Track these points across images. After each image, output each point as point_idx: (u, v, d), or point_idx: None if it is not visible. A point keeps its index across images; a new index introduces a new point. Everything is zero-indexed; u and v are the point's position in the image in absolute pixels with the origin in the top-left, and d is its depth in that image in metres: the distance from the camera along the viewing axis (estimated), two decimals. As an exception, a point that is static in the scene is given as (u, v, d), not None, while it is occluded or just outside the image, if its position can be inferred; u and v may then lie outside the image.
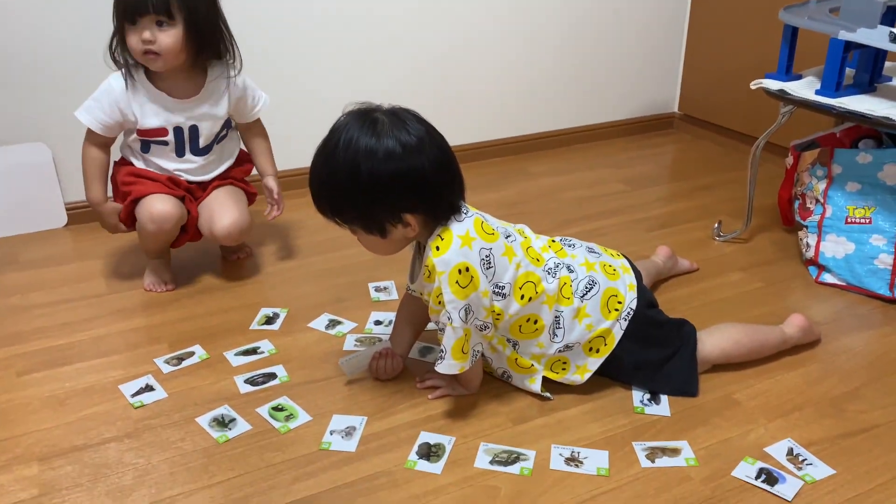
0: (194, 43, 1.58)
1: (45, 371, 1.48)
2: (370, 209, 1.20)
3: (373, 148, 1.16)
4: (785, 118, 1.80)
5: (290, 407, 1.36)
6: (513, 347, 1.34)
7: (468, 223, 1.23)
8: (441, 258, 1.19)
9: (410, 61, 2.37)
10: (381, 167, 1.16)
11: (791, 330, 1.50)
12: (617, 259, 1.41)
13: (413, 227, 1.22)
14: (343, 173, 1.18)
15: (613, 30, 2.66)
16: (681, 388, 1.38)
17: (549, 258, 1.33)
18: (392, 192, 1.18)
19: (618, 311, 1.34)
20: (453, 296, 1.20)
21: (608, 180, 2.43)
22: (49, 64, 1.96)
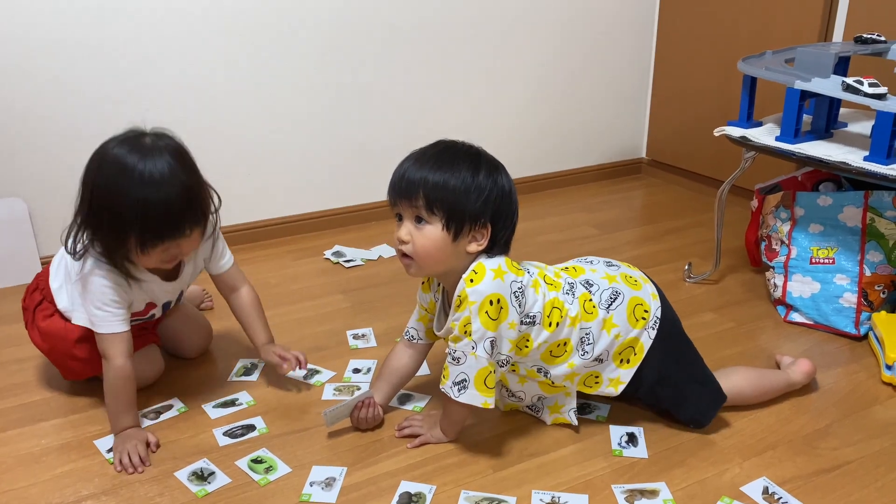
0: (204, 232, 1.41)
1: (20, 428, 1.46)
2: (464, 205, 1.24)
3: (491, 158, 1.30)
4: (748, 163, 1.87)
5: (269, 459, 1.35)
6: (544, 376, 1.36)
7: (500, 259, 1.28)
8: (474, 288, 1.23)
9: (384, 111, 2.42)
10: (493, 176, 1.26)
11: (798, 376, 1.53)
12: (635, 270, 1.45)
13: (479, 243, 1.27)
14: (464, 161, 1.25)
15: (582, 80, 2.75)
16: (695, 416, 1.40)
17: (563, 280, 1.36)
18: (490, 200, 1.25)
19: (645, 319, 1.37)
20: (481, 325, 1.23)
21: (580, 224, 2.48)
22: (24, 119, 1.98)
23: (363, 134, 2.40)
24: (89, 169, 1.33)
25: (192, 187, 1.32)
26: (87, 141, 2.05)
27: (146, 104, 2.09)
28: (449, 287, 1.33)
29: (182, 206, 1.30)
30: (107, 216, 1.31)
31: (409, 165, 1.27)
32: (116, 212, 1.29)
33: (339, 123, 2.37)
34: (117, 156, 1.29)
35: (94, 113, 2.04)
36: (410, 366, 1.47)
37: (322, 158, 2.37)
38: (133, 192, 1.27)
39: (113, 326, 1.38)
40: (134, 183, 1.27)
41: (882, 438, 1.39)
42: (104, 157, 1.31)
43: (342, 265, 2.18)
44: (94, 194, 1.32)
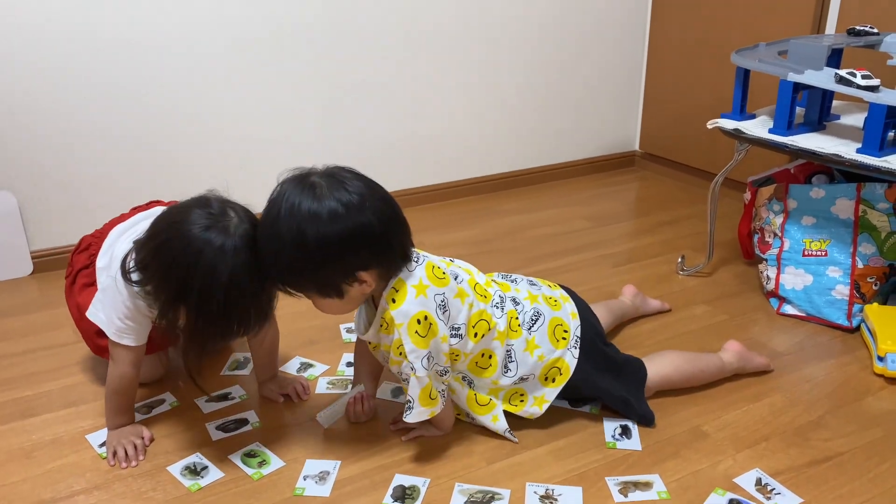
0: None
1: (11, 423, 1.45)
2: (323, 273, 1.17)
3: (315, 212, 1.13)
4: (741, 156, 1.87)
5: (262, 453, 1.35)
6: (469, 385, 1.35)
7: (419, 272, 1.24)
8: (399, 310, 1.20)
9: (380, 107, 2.41)
10: (328, 230, 1.13)
11: (727, 356, 1.55)
12: (555, 290, 1.46)
13: (369, 283, 1.21)
14: (290, 243, 1.14)
15: (575, 73, 2.74)
16: (644, 414, 1.41)
17: (495, 292, 1.35)
18: (342, 253, 1.16)
19: (565, 339, 1.38)
20: (414, 346, 1.21)
21: (573, 217, 2.48)
22: (12, 109, 1.96)
23: (355, 129, 2.39)
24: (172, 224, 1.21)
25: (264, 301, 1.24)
26: (78, 133, 2.05)
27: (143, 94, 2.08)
28: (375, 295, 1.27)
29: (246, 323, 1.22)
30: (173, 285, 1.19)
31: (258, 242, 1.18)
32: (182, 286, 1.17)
33: (333, 119, 2.36)
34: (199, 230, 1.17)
35: (85, 104, 2.02)
36: (374, 358, 1.43)
37: (315, 153, 2.36)
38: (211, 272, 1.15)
39: (128, 340, 1.32)
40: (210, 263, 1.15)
41: (874, 429, 1.40)
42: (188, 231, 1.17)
43: (335, 259, 2.17)
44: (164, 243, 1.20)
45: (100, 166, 2.09)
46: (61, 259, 2.09)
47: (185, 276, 1.15)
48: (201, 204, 1.21)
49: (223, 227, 1.17)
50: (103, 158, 2.09)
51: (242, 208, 1.24)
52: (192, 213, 1.19)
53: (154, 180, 2.15)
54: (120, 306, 1.30)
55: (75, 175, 2.07)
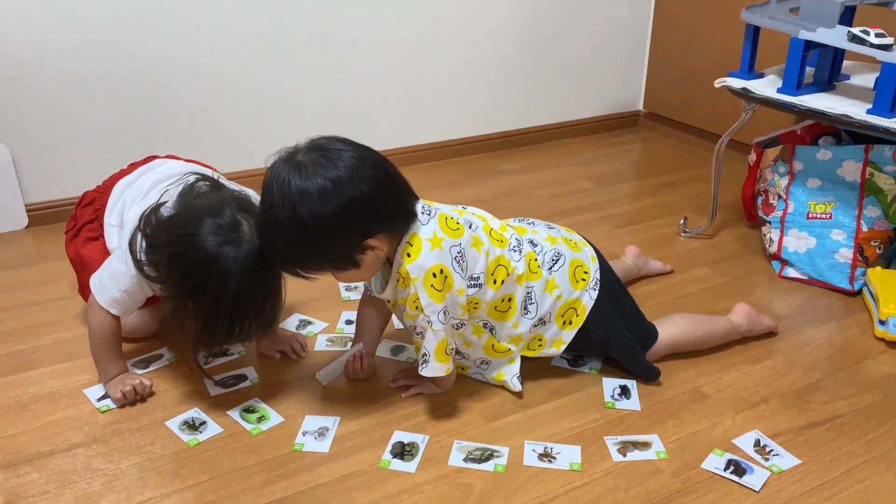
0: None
1: (8, 376, 1.44)
2: (332, 251, 1.18)
3: (307, 192, 1.12)
4: (748, 116, 1.83)
5: (261, 409, 1.35)
6: (490, 333, 1.35)
7: (433, 224, 1.24)
8: (414, 264, 1.20)
9: (380, 64, 2.37)
10: (322, 209, 1.12)
11: (737, 318, 1.54)
12: (575, 234, 1.46)
13: (380, 248, 1.20)
14: (289, 229, 1.13)
15: (579, 29, 2.68)
16: (648, 367, 1.41)
17: (511, 236, 1.34)
18: (344, 228, 1.15)
19: (585, 280, 1.37)
20: (430, 299, 1.21)
21: (576, 178, 2.45)
22: (6, 61, 1.91)
23: (352, 83, 2.35)
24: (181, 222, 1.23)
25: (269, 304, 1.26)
26: (72, 85, 2.01)
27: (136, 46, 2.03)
28: (390, 253, 1.26)
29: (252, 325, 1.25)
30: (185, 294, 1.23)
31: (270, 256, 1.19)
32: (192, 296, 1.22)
33: (328, 71, 2.31)
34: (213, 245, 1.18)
35: (78, 55, 1.98)
36: (379, 315, 1.44)
37: (313, 106, 2.32)
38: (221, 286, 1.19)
39: (116, 311, 1.34)
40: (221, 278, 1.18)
41: (873, 393, 1.40)
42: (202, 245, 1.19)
43: (334, 216, 2.15)
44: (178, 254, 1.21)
45: (95, 118, 2.05)
46: (57, 212, 2.07)
47: (195, 286, 1.20)
48: (213, 213, 1.20)
49: (235, 240, 1.19)
50: (99, 110, 2.05)
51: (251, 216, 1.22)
52: (205, 224, 1.19)
53: (151, 132, 2.11)
54: (124, 281, 1.31)
55: (70, 127, 2.03)
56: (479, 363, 1.39)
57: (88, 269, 1.44)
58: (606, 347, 1.42)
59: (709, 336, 1.49)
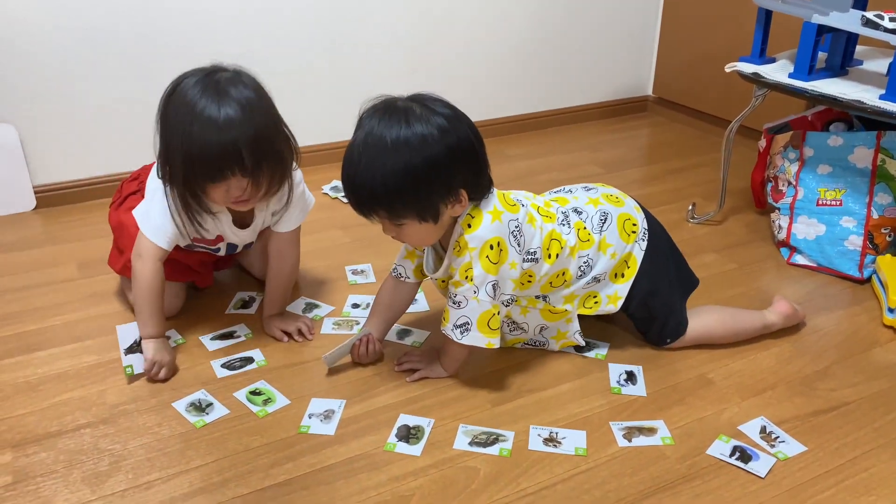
0: (275, 180, 1.35)
1: (17, 357, 1.45)
2: (429, 195, 1.18)
3: (421, 135, 1.15)
4: (759, 101, 1.82)
5: (267, 391, 1.35)
6: (543, 301, 1.37)
7: (493, 199, 1.26)
8: (473, 234, 1.22)
9: (385, 47, 2.35)
10: (435, 150, 1.15)
11: (774, 317, 1.51)
12: (612, 188, 1.46)
13: (462, 203, 1.22)
14: (398, 170, 1.14)
15: (588, 12, 2.66)
16: (680, 322, 1.43)
17: (556, 210, 1.36)
18: (447, 169, 1.17)
19: (634, 233, 1.38)
20: (483, 270, 1.22)
21: (583, 163, 2.44)
22: (13, 42, 1.91)
23: (360, 66, 2.34)
24: (161, 98, 1.31)
25: (245, 137, 1.25)
26: (81, 64, 2.00)
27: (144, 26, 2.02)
28: (443, 239, 1.31)
29: (227, 153, 1.24)
30: (169, 149, 1.30)
31: (353, 179, 1.17)
32: (172, 146, 1.28)
33: (336, 55, 2.30)
34: (184, 89, 1.27)
35: (88, 35, 1.97)
36: (401, 301, 1.45)
37: (319, 90, 2.31)
38: (187, 131, 1.24)
39: (160, 239, 1.38)
40: (192, 121, 1.24)
41: (881, 380, 1.39)
42: (174, 87, 1.29)
43: (340, 200, 2.15)
44: (160, 125, 1.31)
45: (103, 99, 2.05)
46: (64, 194, 2.08)
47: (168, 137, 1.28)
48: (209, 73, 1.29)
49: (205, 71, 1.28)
50: (107, 91, 2.05)
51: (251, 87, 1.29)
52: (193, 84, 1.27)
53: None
54: (162, 206, 1.36)
55: (79, 108, 2.03)
56: (537, 330, 1.41)
57: (128, 234, 1.47)
58: (650, 299, 1.40)
59: (742, 332, 1.48)
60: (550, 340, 1.43)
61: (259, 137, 1.27)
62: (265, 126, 1.29)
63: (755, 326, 1.49)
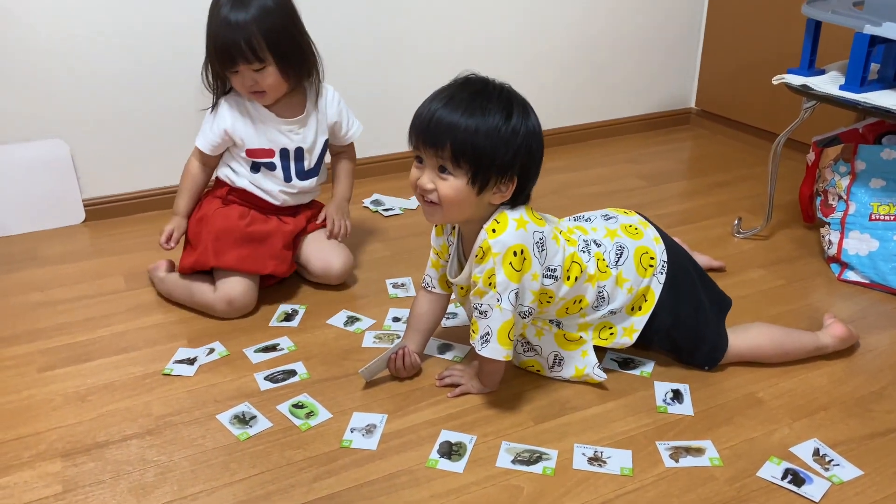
0: (292, 72, 1.62)
1: (66, 367, 1.48)
2: (493, 161, 1.18)
3: (524, 103, 1.23)
4: (807, 114, 1.78)
5: (310, 404, 1.35)
6: (557, 326, 1.36)
7: (521, 209, 1.26)
8: (497, 239, 1.20)
9: (425, 62, 2.36)
10: (534, 123, 1.22)
11: (828, 339, 1.45)
12: (632, 216, 1.43)
13: (504, 195, 1.23)
14: (492, 126, 1.17)
15: (629, 24, 2.64)
16: (711, 352, 1.39)
17: (579, 237, 1.34)
18: (518, 151, 1.19)
19: (652, 266, 1.36)
20: (505, 277, 1.21)
21: (625, 176, 2.41)
22: (66, 59, 1.96)
23: (402, 79, 2.35)
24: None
25: (258, 29, 1.52)
26: (131, 80, 2.05)
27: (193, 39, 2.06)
28: (467, 233, 1.31)
29: (234, 42, 1.52)
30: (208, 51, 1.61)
31: (437, 108, 1.20)
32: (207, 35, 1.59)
33: (377, 68, 2.31)
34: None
35: (137, 48, 2.02)
36: (433, 313, 1.44)
37: (360, 104, 2.32)
38: (210, 20, 1.57)
39: (201, 142, 1.68)
40: (214, 11, 1.56)
41: (940, 403, 1.34)
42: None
43: (381, 214, 2.16)
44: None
45: (152, 113, 2.09)
46: (113, 207, 2.12)
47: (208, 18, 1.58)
48: None
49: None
50: (156, 105, 2.09)
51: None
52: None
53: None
54: (207, 121, 1.69)
55: (127, 123, 2.08)
56: (552, 361, 1.38)
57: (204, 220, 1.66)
58: (674, 332, 1.38)
59: (787, 356, 1.43)
60: (569, 377, 1.38)
61: (269, 34, 1.53)
62: (277, 27, 1.54)
63: (807, 348, 1.44)
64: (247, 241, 1.63)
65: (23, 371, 1.47)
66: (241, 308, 1.61)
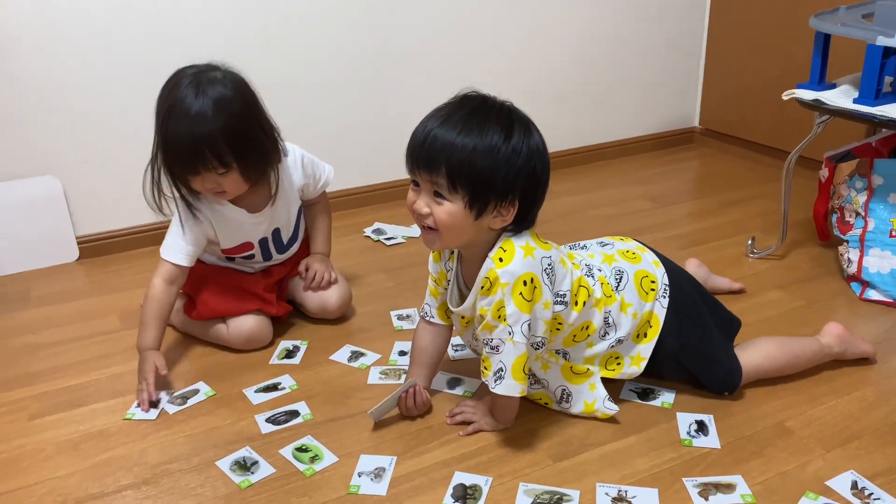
0: (254, 172, 1.46)
1: (58, 413, 1.41)
2: (492, 184, 1.11)
3: (526, 121, 1.17)
4: (820, 129, 1.73)
5: (314, 447, 1.28)
6: (564, 357, 1.29)
7: (526, 235, 1.20)
8: (505, 269, 1.14)
9: (424, 88, 2.32)
10: (537, 142, 1.15)
11: (828, 339, 1.42)
12: (628, 242, 1.38)
13: (504, 219, 1.16)
14: (488, 146, 1.10)
15: (630, 45, 2.60)
16: (726, 378, 1.33)
17: (581, 261, 1.29)
18: (519, 174, 1.13)
19: (654, 290, 1.31)
20: (516, 308, 1.14)
21: (633, 197, 2.36)
22: (56, 94, 1.92)
23: (400, 105, 2.30)
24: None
25: (223, 137, 1.36)
26: (123, 115, 2.00)
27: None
28: (468, 258, 1.25)
29: (194, 148, 1.36)
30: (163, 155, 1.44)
31: (433, 127, 1.13)
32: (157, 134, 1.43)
33: (377, 92, 2.27)
34: (171, 80, 1.42)
35: (130, 86, 1.98)
36: (436, 345, 1.37)
37: (360, 130, 2.28)
38: (164, 122, 1.39)
39: (169, 254, 1.50)
40: (169, 113, 1.38)
41: (979, 427, 1.27)
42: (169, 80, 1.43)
43: (383, 243, 2.10)
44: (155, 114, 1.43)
45: (145, 148, 2.04)
46: (107, 244, 2.07)
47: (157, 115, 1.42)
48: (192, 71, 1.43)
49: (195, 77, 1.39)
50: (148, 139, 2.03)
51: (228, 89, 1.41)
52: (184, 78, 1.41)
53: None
54: (175, 226, 1.51)
55: (120, 158, 2.03)
56: (559, 396, 1.31)
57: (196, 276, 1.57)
58: (682, 356, 1.32)
59: (796, 360, 1.39)
60: (579, 412, 1.32)
61: (233, 140, 1.38)
62: (241, 130, 1.39)
63: (813, 348, 1.40)
64: (228, 289, 1.58)
65: (14, 419, 1.40)
66: (257, 342, 1.57)
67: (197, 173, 1.40)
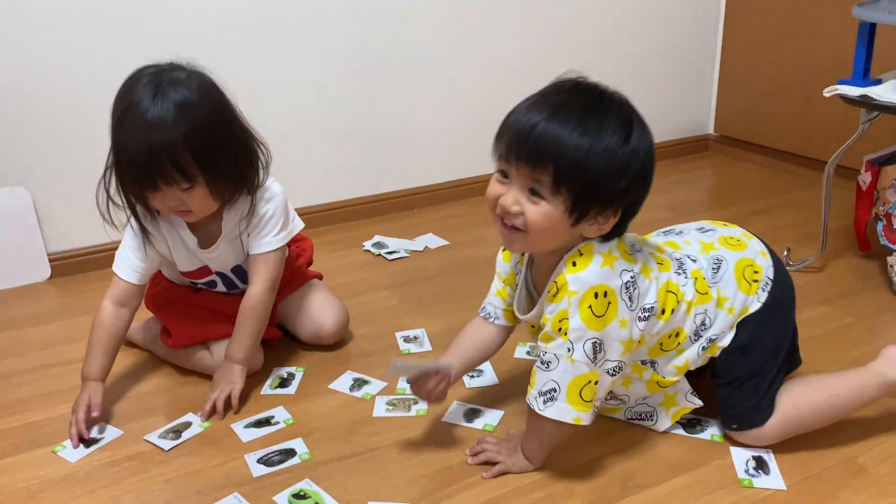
0: (225, 188, 1.27)
1: (19, 454, 1.23)
2: (601, 187, 0.97)
3: (642, 119, 1.03)
4: (867, 127, 1.58)
5: (314, 493, 1.11)
6: (652, 368, 1.13)
7: (611, 242, 1.04)
8: (577, 275, 0.99)
9: (426, 99, 2.18)
10: (651, 145, 1.01)
11: (885, 366, 1.17)
12: (734, 228, 1.22)
13: (603, 227, 1.01)
14: (609, 147, 0.96)
15: (642, 51, 2.47)
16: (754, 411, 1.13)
17: (670, 255, 1.13)
18: (638, 177, 1.00)
19: (756, 281, 1.14)
20: (582, 323, 0.99)
21: (651, 207, 2.15)
22: (25, 98, 1.76)
23: (403, 113, 2.16)
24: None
25: (180, 138, 1.17)
26: (97, 124, 1.82)
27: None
28: (541, 261, 1.09)
29: (151, 158, 1.17)
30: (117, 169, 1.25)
31: (540, 119, 0.97)
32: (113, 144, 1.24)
33: (378, 102, 2.13)
34: (128, 81, 1.24)
35: (103, 92, 1.80)
36: (485, 343, 1.22)
37: (359, 140, 2.13)
38: (117, 128, 1.21)
39: (120, 268, 1.34)
40: (123, 118, 1.20)
41: None
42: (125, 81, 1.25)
43: (384, 257, 1.94)
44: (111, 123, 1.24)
45: (123, 158, 1.88)
46: (81, 262, 1.90)
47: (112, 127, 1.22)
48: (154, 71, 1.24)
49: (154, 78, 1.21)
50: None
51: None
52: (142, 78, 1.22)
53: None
54: (129, 239, 1.34)
55: (95, 168, 1.84)
56: (639, 400, 1.18)
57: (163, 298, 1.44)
58: (742, 354, 1.13)
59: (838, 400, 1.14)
60: (658, 409, 1.18)
61: (198, 148, 1.19)
62: (202, 130, 1.20)
63: (863, 381, 1.15)
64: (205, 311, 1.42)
65: (-35, 462, 1.21)
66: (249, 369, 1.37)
67: (156, 189, 1.21)
